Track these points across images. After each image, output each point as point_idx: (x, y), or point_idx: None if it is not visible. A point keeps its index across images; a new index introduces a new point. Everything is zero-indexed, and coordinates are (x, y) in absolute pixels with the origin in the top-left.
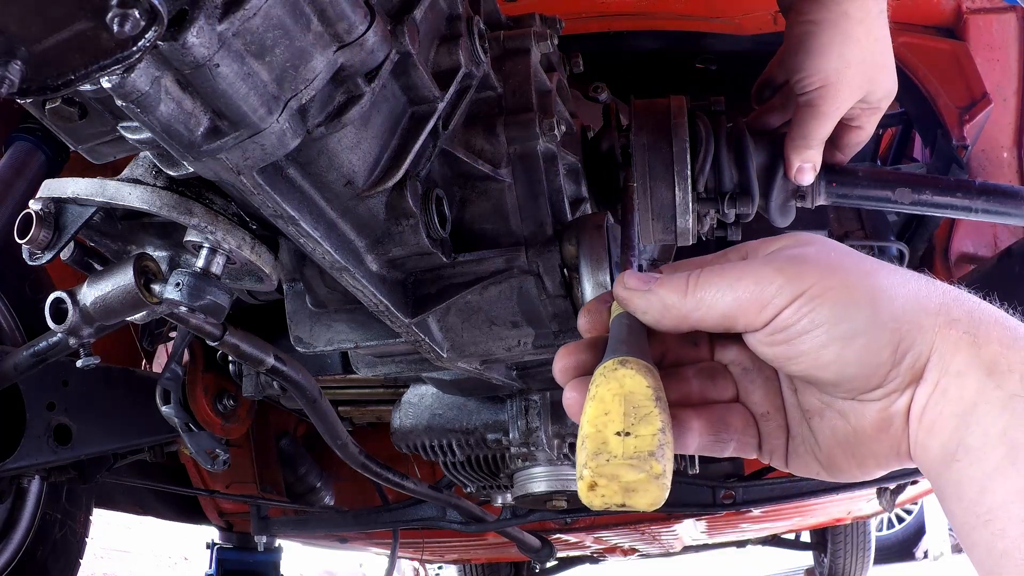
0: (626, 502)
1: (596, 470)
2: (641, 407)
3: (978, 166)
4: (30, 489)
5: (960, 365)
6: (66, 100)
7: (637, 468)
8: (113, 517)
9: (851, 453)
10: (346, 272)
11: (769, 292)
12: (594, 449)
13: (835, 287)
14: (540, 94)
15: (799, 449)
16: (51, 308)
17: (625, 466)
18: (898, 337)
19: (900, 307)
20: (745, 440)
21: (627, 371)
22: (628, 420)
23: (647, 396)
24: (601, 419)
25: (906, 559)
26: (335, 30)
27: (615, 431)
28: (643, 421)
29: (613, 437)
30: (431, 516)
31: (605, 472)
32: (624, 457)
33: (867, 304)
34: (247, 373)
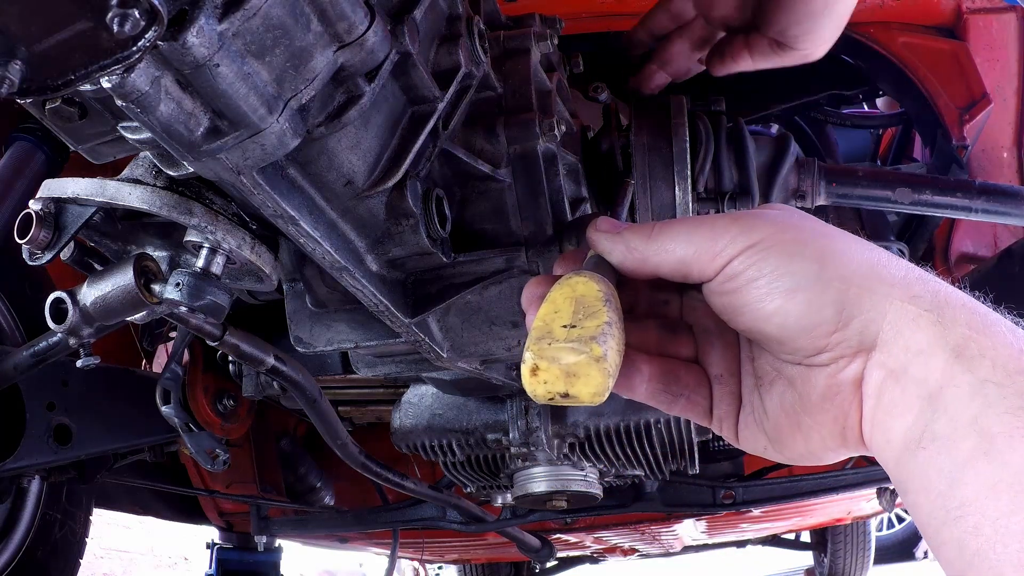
0: (568, 390)
1: (538, 352)
2: (590, 307)
3: (978, 166)
4: (30, 489)
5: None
6: (66, 100)
7: (578, 351)
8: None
9: (796, 424)
10: (346, 272)
11: (722, 242)
12: (537, 336)
13: (786, 241)
14: (540, 94)
15: (748, 419)
16: (51, 308)
17: (566, 349)
18: (844, 298)
19: (851, 269)
20: (695, 400)
21: (580, 279)
22: (576, 316)
23: (597, 298)
24: (550, 315)
25: (906, 559)
26: (335, 30)
27: (561, 324)
28: (590, 316)
29: (559, 328)
30: (431, 516)
31: (546, 354)
32: (566, 341)
33: (814, 259)
34: (247, 373)
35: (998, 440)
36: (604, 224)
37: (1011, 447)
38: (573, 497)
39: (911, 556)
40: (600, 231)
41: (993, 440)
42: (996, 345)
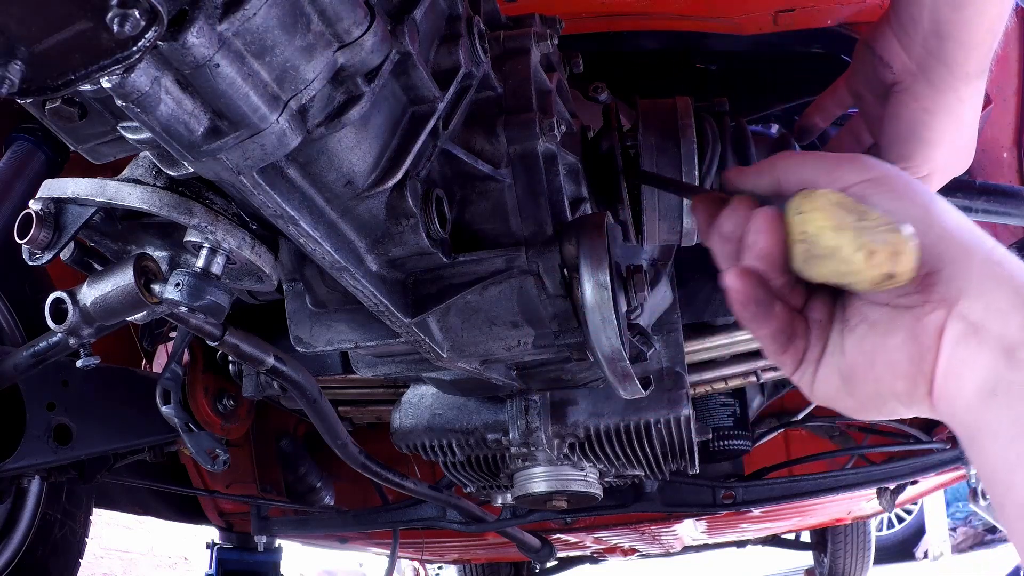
0: (894, 268)
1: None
2: (854, 205)
3: (978, 166)
4: (30, 489)
5: (1002, 303)
6: (66, 100)
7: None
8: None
9: (871, 364)
10: (346, 272)
11: (842, 169)
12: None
13: (900, 184)
14: (540, 94)
15: (828, 361)
16: (51, 308)
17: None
18: (941, 244)
19: (951, 223)
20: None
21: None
22: (855, 213)
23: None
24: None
25: (906, 559)
26: (335, 30)
27: (853, 218)
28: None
29: (855, 223)
30: (431, 516)
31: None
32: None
33: (921, 205)
34: (247, 373)
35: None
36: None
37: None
38: (573, 497)
39: (911, 556)
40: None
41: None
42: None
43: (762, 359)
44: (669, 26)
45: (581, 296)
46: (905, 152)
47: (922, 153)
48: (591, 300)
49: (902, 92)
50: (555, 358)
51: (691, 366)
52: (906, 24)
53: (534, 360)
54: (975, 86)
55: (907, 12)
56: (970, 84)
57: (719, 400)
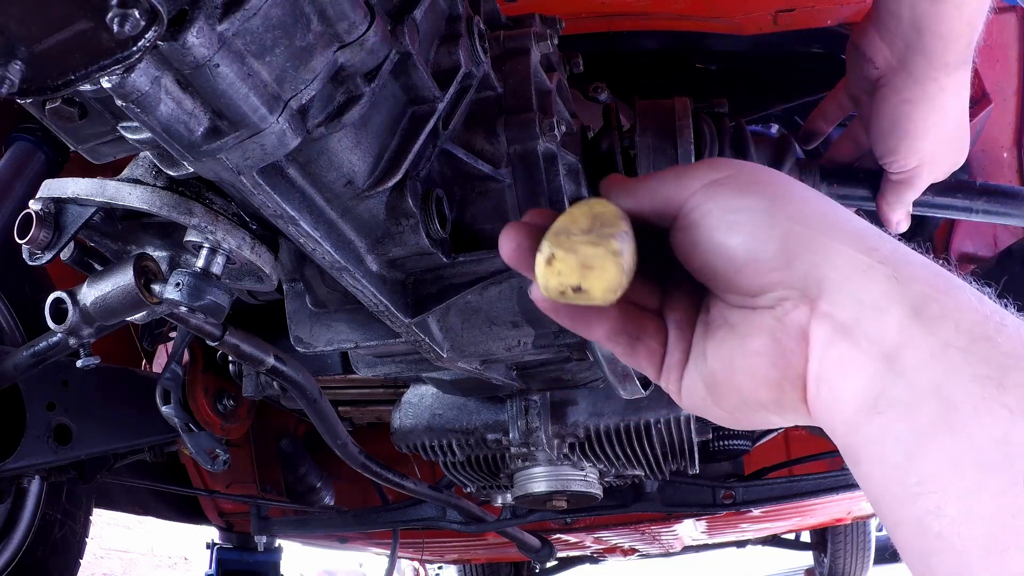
0: (582, 283)
1: (555, 242)
2: (609, 221)
3: (978, 166)
4: (30, 489)
5: (875, 297)
6: (66, 100)
7: (595, 244)
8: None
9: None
10: (346, 272)
11: (688, 178)
12: (555, 232)
13: (744, 180)
14: (540, 94)
15: (691, 368)
16: (51, 308)
17: (584, 242)
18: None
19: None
20: (652, 347)
21: (597, 200)
22: (594, 225)
23: (615, 215)
24: (568, 222)
25: None
26: (335, 30)
27: (580, 228)
28: (607, 226)
29: (577, 230)
30: (431, 516)
31: (563, 245)
32: (584, 234)
33: (766, 197)
34: (247, 373)
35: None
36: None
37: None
38: (573, 497)
39: None
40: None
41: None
42: (960, 307)
43: None
44: (669, 26)
45: None
46: (891, 146)
47: (907, 145)
48: None
49: (885, 86)
50: (555, 358)
51: None
52: (886, 20)
53: (534, 360)
54: (957, 77)
55: (887, 8)
56: (951, 75)
57: None
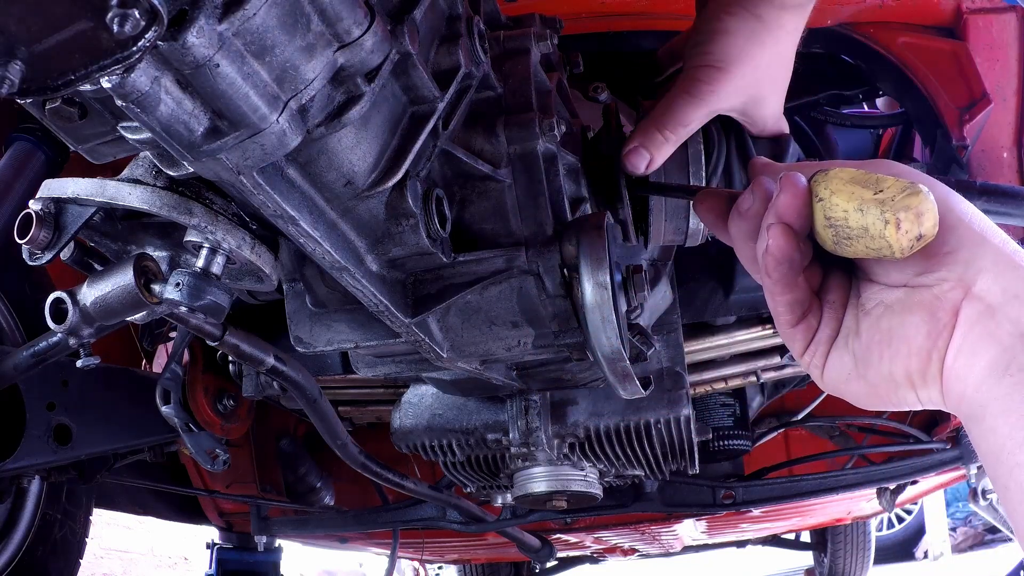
0: (921, 230)
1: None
2: (866, 178)
3: (978, 166)
4: (30, 489)
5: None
6: (66, 100)
7: (914, 193)
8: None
9: (887, 342)
10: (346, 272)
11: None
12: (877, 204)
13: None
14: (540, 94)
15: (840, 343)
16: (51, 308)
17: (906, 196)
18: (960, 230)
19: (968, 214)
20: (810, 323)
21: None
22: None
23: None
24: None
25: (906, 559)
26: (335, 30)
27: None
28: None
29: (874, 195)
30: (431, 516)
31: (898, 208)
32: (900, 192)
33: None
34: (247, 373)
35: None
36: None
37: None
38: (573, 497)
39: (911, 556)
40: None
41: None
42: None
43: (762, 359)
44: (669, 26)
45: (581, 296)
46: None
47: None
48: (591, 300)
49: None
50: (555, 358)
51: (691, 366)
52: None
53: (534, 360)
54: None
55: None
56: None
57: (719, 400)
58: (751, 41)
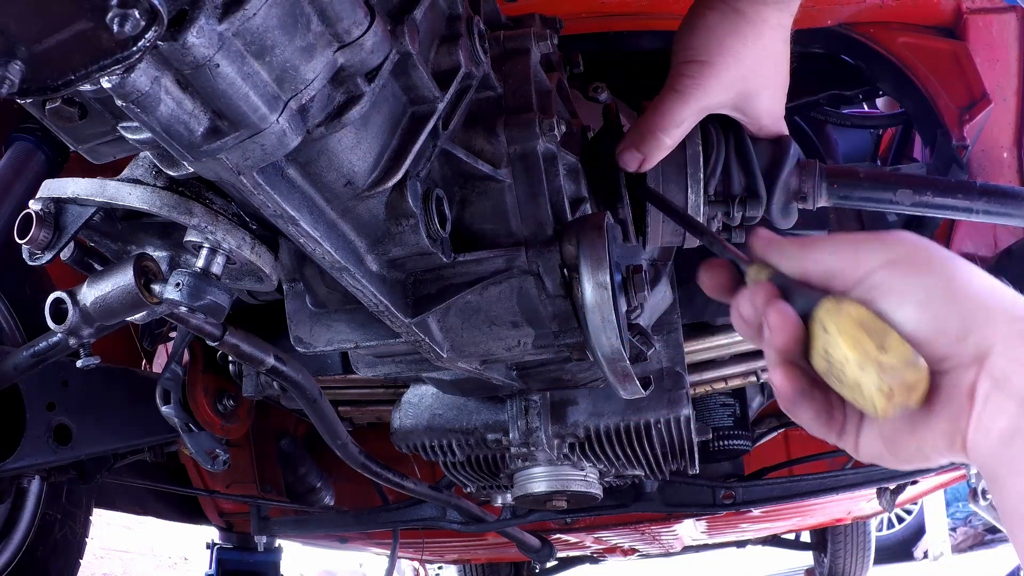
0: (908, 400)
1: (891, 382)
2: (875, 326)
3: (978, 166)
4: (30, 489)
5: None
6: (66, 100)
7: (914, 369)
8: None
9: (912, 428)
10: (346, 272)
11: (864, 255)
12: (875, 369)
13: (921, 260)
14: (540, 94)
15: (869, 428)
16: (51, 308)
17: (906, 369)
18: (966, 312)
19: (973, 290)
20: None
21: (846, 304)
22: (875, 338)
23: (872, 317)
24: (858, 346)
25: (906, 559)
26: (335, 30)
27: (875, 348)
28: (884, 334)
29: (879, 353)
30: (431, 516)
31: (895, 380)
32: (901, 364)
33: (946, 278)
34: (247, 373)
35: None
36: (764, 232)
37: None
38: (573, 497)
39: (911, 556)
40: (760, 238)
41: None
42: None
43: (762, 359)
44: (669, 26)
45: (581, 296)
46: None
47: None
48: (591, 300)
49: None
50: (555, 358)
51: (691, 366)
52: None
53: (534, 360)
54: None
55: None
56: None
57: (719, 400)
58: (732, 35)
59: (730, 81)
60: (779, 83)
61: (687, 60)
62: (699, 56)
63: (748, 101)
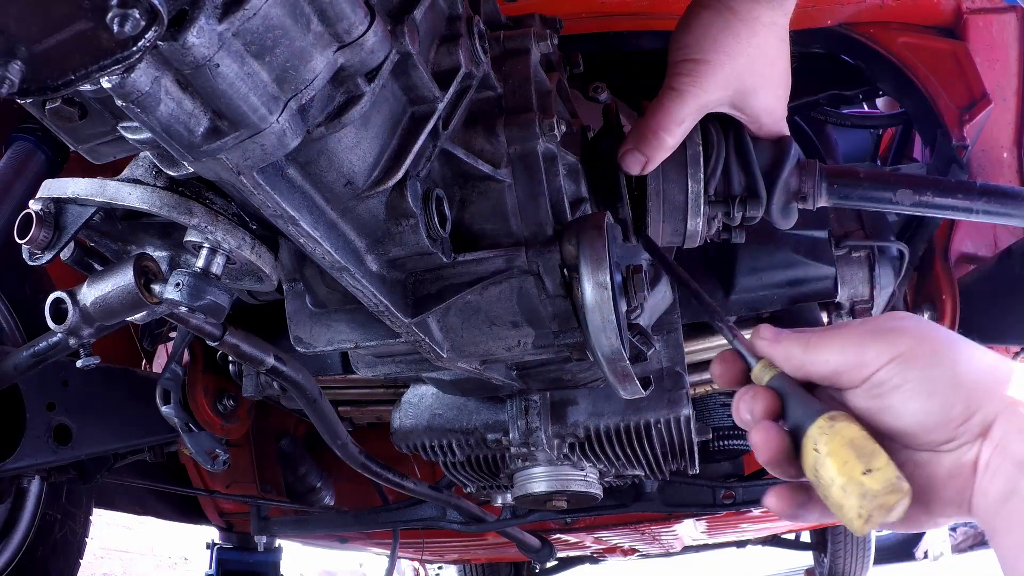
0: (886, 519)
1: (870, 508)
2: (865, 447)
3: (978, 166)
4: (30, 489)
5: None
6: (66, 100)
7: (896, 491)
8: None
9: (923, 500)
10: (346, 272)
11: (870, 355)
12: (859, 493)
13: (924, 353)
14: (540, 94)
15: None
16: (51, 308)
17: (887, 494)
18: (970, 397)
19: (976, 374)
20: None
21: (841, 423)
22: (863, 461)
23: (863, 436)
24: (845, 468)
25: (906, 559)
26: (335, 30)
27: (860, 472)
28: (873, 457)
29: (864, 478)
30: (431, 516)
31: (875, 505)
32: (883, 489)
33: (950, 367)
34: (247, 373)
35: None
36: (766, 332)
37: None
38: (573, 497)
39: (911, 556)
40: (763, 338)
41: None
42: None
43: None
44: (669, 26)
45: (581, 296)
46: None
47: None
48: (591, 300)
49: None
50: (555, 358)
51: (691, 366)
52: None
53: (534, 360)
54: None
55: None
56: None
57: (719, 400)
58: (725, 32)
59: (726, 78)
60: (778, 82)
61: (683, 59)
62: (694, 54)
63: (746, 99)
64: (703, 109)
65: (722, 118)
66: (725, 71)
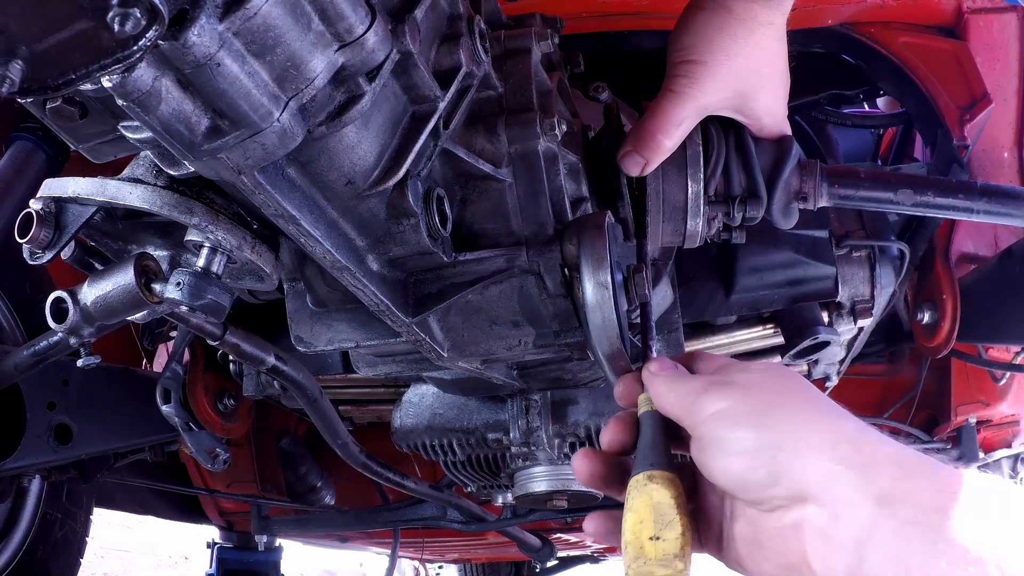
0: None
1: (636, 570)
2: (666, 515)
3: (979, 166)
4: (30, 489)
5: (848, 495)
6: (67, 99)
7: (666, 567)
8: (113, 517)
9: (756, 555)
10: (347, 272)
11: (697, 407)
12: (634, 554)
13: (741, 412)
14: (541, 94)
15: (724, 545)
16: (51, 307)
17: (657, 565)
18: (774, 462)
19: (787, 432)
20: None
21: (655, 485)
22: (657, 527)
23: (671, 505)
24: (638, 527)
25: None
26: (336, 29)
27: (648, 536)
28: (668, 527)
29: (647, 542)
30: (431, 516)
31: (643, 571)
32: (656, 560)
33: (755, 428)
34: (248, 372)
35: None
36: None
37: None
38: (573, 496)
39: None
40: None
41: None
42: (918, 489)
43: (763, 359)
44: (670, 26)
45: (582, 296)
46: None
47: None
48: (592, 300)
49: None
50: (556, 357)
51: None
52: None
53: (535, 360)
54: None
55: None
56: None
57: None
58: (722, 32)
59: (725, 79)
60: (777, 82)
61: (681, 60)
62: (692, 56)
63: (746, 100)
64: (702, 111)
65: (723, 118)
66: (723, 72)
